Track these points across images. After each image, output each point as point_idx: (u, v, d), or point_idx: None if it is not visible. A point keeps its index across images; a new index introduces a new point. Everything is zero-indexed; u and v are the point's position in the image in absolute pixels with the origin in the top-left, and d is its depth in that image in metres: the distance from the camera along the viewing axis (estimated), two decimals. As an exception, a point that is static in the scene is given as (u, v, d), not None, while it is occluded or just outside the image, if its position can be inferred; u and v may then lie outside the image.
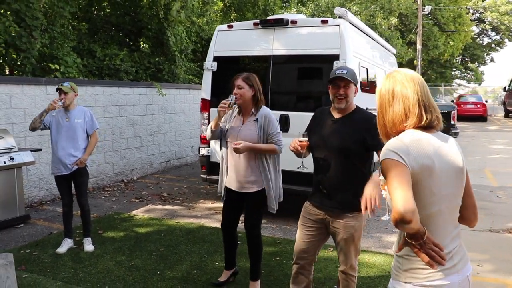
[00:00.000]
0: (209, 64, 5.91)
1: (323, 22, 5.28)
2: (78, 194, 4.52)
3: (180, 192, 7.22)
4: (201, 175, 6.09)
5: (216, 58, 5.89)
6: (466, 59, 42.03)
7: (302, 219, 2.87)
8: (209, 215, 5.92)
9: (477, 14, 38.94)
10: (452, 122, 11.78)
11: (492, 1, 36.55)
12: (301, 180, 5.02)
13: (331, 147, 2.71)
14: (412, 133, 1.67)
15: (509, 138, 15.17)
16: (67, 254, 4.41)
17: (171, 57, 9.96)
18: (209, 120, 5.81)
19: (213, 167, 5.77)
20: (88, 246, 4.53)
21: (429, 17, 30.43)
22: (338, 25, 5.19)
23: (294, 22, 5.43)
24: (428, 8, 25.39)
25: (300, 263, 2.87)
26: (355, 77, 2.74)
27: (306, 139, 2.76)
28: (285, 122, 5.37)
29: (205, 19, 12.78)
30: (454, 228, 1.72)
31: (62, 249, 4.45)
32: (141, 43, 10.59)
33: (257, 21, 5.68)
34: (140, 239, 4.89)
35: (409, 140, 1.64)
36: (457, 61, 41.00)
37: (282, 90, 5.57)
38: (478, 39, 40.98)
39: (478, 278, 3.91)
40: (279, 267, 4.13)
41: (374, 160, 2.83)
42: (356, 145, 2.66)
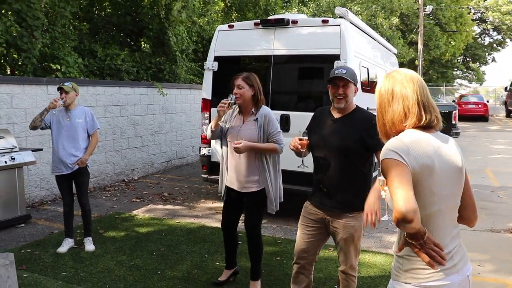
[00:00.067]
0: (210, 64, 5.92)
1: (324, 22, 5.28)
2: (79, 194, 4.53)
3: (181, 192, 7.23)
4: (202, 175, 6.10)
5: (217, 58, 5.89)
6: (468, 59, 41.97)
7: (302, 219, 2.87)
8: (210, 215, 5.92)
9: (478, 14, 38.87)
10: (453, 122, 11.76)
11: (493, 0, 36.48)
12: (301, 180, 5.02)
13: (331, 147, 2.71)
14: (411, 133, 1.67)
15: (510, 138, 15.15)
16: (68, 253, 4.41)
17: (172, 57, 9.96)
18: (209, 120, 5.82)
19: (214, 167, 5.78)
20: (89, 245, 4.54)
21: (430, 17, 30.40)
22: (339, 25, 5.18)
23: (294, 22, 5.43)
24: (429, 8, 25.37)
25: (300, 262, 2.87)
26: (354, 76, 2.74)
27: (306, 137, 2.76)
28: (285, 122, 5.37)
29: (206, 19, 12.78)
30: (453, 228, 1.73)
31: (63, 248, 4.46)
32: (142, 43, 10.60)
33: (258, 21, 5.68)
34: (141, 238, 4.89)
35: (409, 140, 1.64)
36: (459, 61, 40.94)
37: (283, 90, 5.57)
38: (479, 39, 40.91)
39: (479, 278, 3.91)
40: (280, 267, 4.13)
41: (374, 160, 2.82)
42: (355, 145, 2.66)
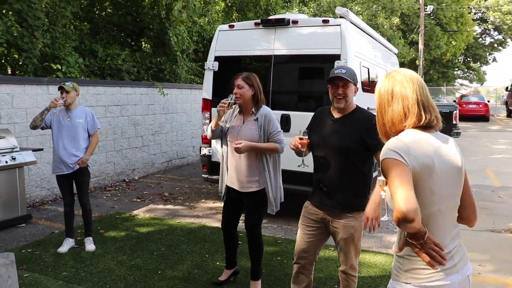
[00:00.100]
0: (211, 64, 5.92)
1: (324, 22, 5.28)
2: (80, 194, 4.53)
3: (182, 192, 7.23)
4: (203, 175, 6.10)
5: (217, 58, 5.89)
6: (468, 59, 41.93)
7: (303, 218, 2.87)
8: (210, 215, 5.93)
9: (479, 14, 38.84)
10: (454, 122, 11.75)
11: (494, 0, 36.44)
12: (302, 180, 5.02)
13: (331, 147, 2.71)
14: (411, 133, 1.67)
15: (511, 138, 15.13)
16: (68, 253, 4.42)
17: (173, 57, 9.97)
18: (210, 120, 5.82)
19: (215, 167, 5.78)
20: (90, 245, 4.54)
21: (431, 16, 30.38)
22: (339, 25, 5.18)
23: (295, 22, 5.43)
24: (430, 7, 25.37)
25: (300, 262, 2.87)
26: (354, 76, 2.73)
27: (307, 137, 2.76)
28: (286, 122, 5.37)
29: (206, 19, 12.79)
30: (453, 228, 1.73)
31: (63, 248, 4.46)
32: (143, 43, 10.61)
33: (258, 21, 5.68)
34: (141, 238, 4.90)
35: (409, 139, 1.64)
36: (459, 61, 40.91)
37: (283, 90, 5.57)
38: (480, 39, 40.86)
39: (479, 278, 3.91)
40: (280, 266, 4.13)
41: (374, 160, 2.82)
42: (355, 145, 2.66)
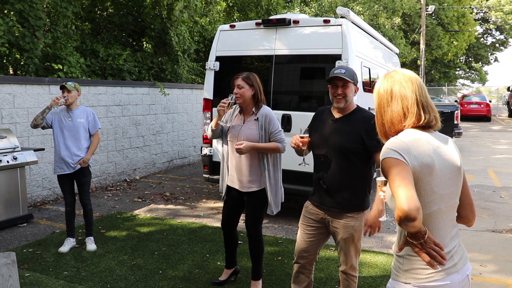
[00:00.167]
0: (212, 64, 5.92)
1: (325, 21, 5.27)
2: (81, 194, 4.54)
3: (183, 192, 7.24)
4: (204, 175, 6.11)
5: (218, 58, 5.90)
6: (470, 59, 41.89)
7: (303, 218, 2.88)
8: (211, 214, 5.93)
9: (481, 14, 38.80)
10: (455, 122, 11.74)
11: (496, 0, 36.40)
12: (302, 179, 5.02)
13: (331, 147, 2.71)
14: (411, 133, 1.68)
15: (513, 138, 15.10)
16: (69, 253, 4.42)
17: (174, 57, 9.98)
18: (211, 120, 5.82)
19: (216, 167, 5.78)
20: (91, 245, 4.55)
21: (432, 16, 30.36)
22: (340, 25, 5.18)
23: (296, 22, 5.43)
24: (431, 7, 25.35)
25: (301, 262, 2.88)
26: (354, 76, 2.73)
27: (307, 135, 2.76)
28: (287, 122, 5.37)
29: (208, 19, 12.80)
30: (453, 227, 1.73)
31: (64, 248, 4.47)
32: (144, 43, 10.62)
33: (259, 20, 5.67)
34: (142, 238, 4.90)
35: (409, 139, 1.64)
36: (461, 61, 40.88)
37: (284, 90, 5.57)
38: (482, 39, 40.82)
39: (480, 278, 3.90)
40: (281, 266, 4.13)
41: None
42: (356, 145, 2.66)
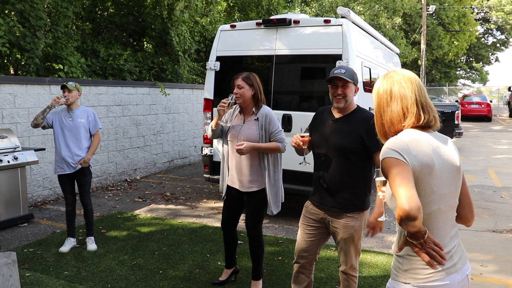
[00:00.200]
0: (212, 64, 5.92)
1: (326, 21, 5.27)
2: (81, 194, 4.54)
3: (183, 192, 7.24)
4: (204, 175, 6.11)
5: (219, 58, 5.90)
6: (471, 59, 41.86)
7: (303, 218, 2.88)
8: (212, 214, 5.93)
9: (481, 14, 38.77)
10: (456, 122, 11.73)
11: (497, 0, 36.37)
12: (303, 179, 5.01)
13: (331, 147, 2.71)
14: (411, 132, 1.68)
15: (513, 138, 15.09)
16: (70, 253, 4.43)
17: (175, 57, 9.98)
18: (212, 120, 5.82)
19: (216, 167, 5.78)
20: (91, 245, 4.55)
21: (433, 16, 30.35)
22: (341, 25, 5.18)
23: (296, 22, 5.43)
24: (432, 7, 25.33)
25: (301, 262, 2.88)
26: (354, 76, 2.73)
27: (308, 134, 2.76)
28: (287, 122, 5.37)
29: (208, 19, 12.80)
30: (452, 227, 1.73)
31: (65, 248, 4.47)
32: (145, 43, 10.62)
33: (260, 21, 5.67)
34: (143, 238, 4.90)
35: (409, 139, 1.64)
36: (462, 61, 40.85)
37: (285, 90, 5.57)
38: (482, 39, 40.79)
39: (481, 278, 3.89)
40: (281, 266, 4.13)
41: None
42: (356, 145, 2.66)
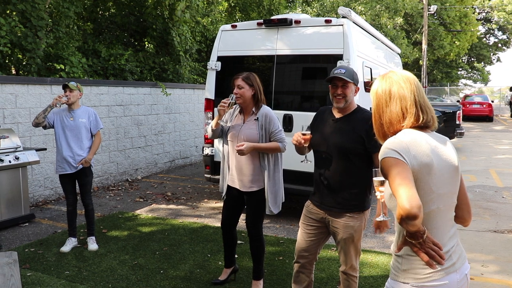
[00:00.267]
0: (213, 64, 5.93)
1: (327, 21, 5.27)
2: (82, 193, 4.55)
3: (184, 192, 7.25)
4: (205, 175, 6.11)
5: (220, 58, 5.90)
6: (472, 59, 41.81)
7: (304, 218, 2.88)
8: (213, 214, 5.93)
9: (483, 14, 38.71)
10: (457, 122, 11.71)
11: (498, 0, 36.31)
12: (303, 179, 5.01)
13: (331, 147, 2.71)
14: (409, 133, 1.68)
15: (515, 139, 15.06)
16: (71, 253, 4.44)
17: (176, 57, 9.99)
18: (212, 120, 5.83)
19: (217, 167, 5.78)
20: (92, 245, 4.56)
21: (434, 16, 30.32)
22: (342, 25, 5.18)
23: (297, 22, 5.43)
24: (433, 7, 25.30)
25: (301, 262, 2.88)
26: (354, 76, 2.72)
27: (309, 132, 2.76)
28: (288, 122, 5.37)
29: (209, 19, 12.80)
30: (451, 227, 1.74)
31: (66, 248, 4.48)
32: (146, 43, 10.64)
33: (261, 21, 5.68)
34: (144, 238, 4.91)
35: (408, 139, 1.65)
36: (463, 61, 40.80)
37: (286, 89, 5.57)
38: (484, 39, 40.73)
39: (482, 279, 3.89)
40: (282, 266, 4.13)
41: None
42: (356, 145, 2.66)
